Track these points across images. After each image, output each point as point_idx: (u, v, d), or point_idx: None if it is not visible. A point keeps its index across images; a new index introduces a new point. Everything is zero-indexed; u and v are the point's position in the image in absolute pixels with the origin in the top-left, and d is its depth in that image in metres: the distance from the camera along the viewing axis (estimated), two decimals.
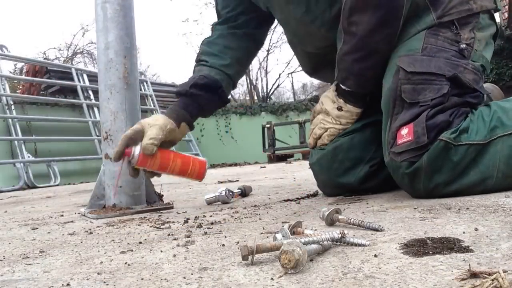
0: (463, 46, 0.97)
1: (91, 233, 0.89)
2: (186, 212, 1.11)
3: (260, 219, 0.88)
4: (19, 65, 11.71)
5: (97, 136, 5.06)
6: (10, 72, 9.13)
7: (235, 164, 6.17)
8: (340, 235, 0.56)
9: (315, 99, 9.12)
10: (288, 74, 19.67)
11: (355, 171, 1.09)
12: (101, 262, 0.60)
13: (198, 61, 1.26)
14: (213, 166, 6.00)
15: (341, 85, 1.09)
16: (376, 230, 0.64)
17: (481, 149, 0.88)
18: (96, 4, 1.20)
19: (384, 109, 1.01)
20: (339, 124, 1.10)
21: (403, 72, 0.96)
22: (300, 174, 2.39)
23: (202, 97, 1.18)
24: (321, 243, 0.54)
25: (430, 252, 0.50)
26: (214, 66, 1.23)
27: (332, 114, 1.11)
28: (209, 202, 1.24)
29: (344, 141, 1.10)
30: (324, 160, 1.13)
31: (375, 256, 0.50)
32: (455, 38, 0.98)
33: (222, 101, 1.26)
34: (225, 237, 0.71)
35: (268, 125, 6.43)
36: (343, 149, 1.10)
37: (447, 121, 0.90)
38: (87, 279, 0.52)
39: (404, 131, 0.92)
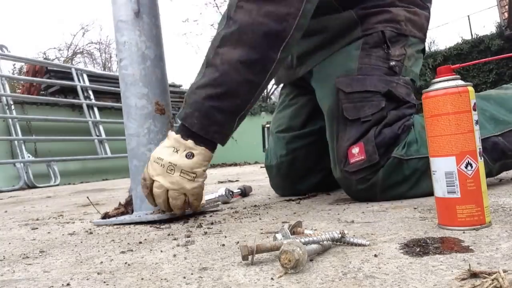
0: (392, 63, 1.02)
1: (91, 233, 0.89)
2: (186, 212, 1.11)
3: (260, 219, 0.88)
4: (18, 65, 11.72)
5: (97, 136, 5.06)
6: (9, 72, 9.12)
7: (235, 164, 6.17)
8: (340, 235, 0.56)
9: None
10: None
11: (309, 180, 1.22)
12: (101, 262, 0.60)
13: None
14: (213, 166, 6.00)
15: (183, 123, 0.89)
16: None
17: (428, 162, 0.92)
18: None
19: (327, 126, 1.06)
20: (193, 177, 0.86)
21: (342, 93, 1.01)
22: None
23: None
24: (321, 243, 0.54)
25: (430, 252, 0.50)
26: None
27: (182, 166, 0.85)
28: (209, 203, 1.24)
29: (301, 154, 1.21)
30: (282, 166, 1.23)
31: (375, 256, 0.50)
32: (386, 57, 1.03)
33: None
34: (225, 237, 0.71)
35: (268, 125, 6.43)
36: (300, 160, 1.21)
37: (395, 135, 0.96)
38: (87, 279, 0.52)
39: (355, 150, 0.96)
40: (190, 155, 0.86)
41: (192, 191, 0.87)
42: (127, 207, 1.07)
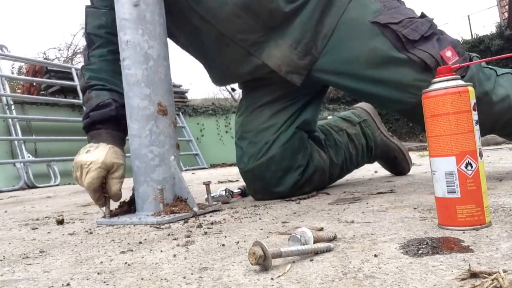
0: None
1: (91, 233, 0.89)
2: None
3: (260, 219, 0.88)
4: (17, 65, 11.72)
5: None
6: (8, 72, 9.12)
7: (235, 164, 6.17)
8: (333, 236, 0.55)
9: None
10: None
11: (286, 180, 1.22)
12: (101, 262, 0.60)
13: (90, 86, 1.12)
14: (213, 166, 6.00)
15: None
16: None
17: (496, 74, 1.12)
18: None
19: (385, 66, 1.05)
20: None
21: (393, 25, 1.04)
22: None
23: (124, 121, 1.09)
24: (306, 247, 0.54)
25: (430, 252, 0.50)
26: (114, 89, 1.12)
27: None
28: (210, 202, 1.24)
29: (277, 153, 1.22)
30: (257, 170, 1.22)
31: (375, 256, 0.50)
32: None
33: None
34: (225, 237, 0.71)
35: None
36: (275, 161, 1.22)
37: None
38: (87, 279, 0.52)
39: (448, 53, 1.02)
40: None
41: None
42: (131, 205, 1.07)
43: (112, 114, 1.08)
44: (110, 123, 1.09)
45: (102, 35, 1.16)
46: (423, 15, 1.08)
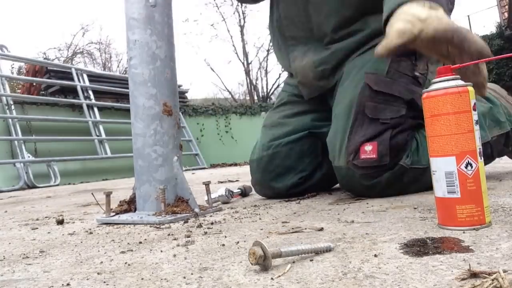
0: (417, 74, 1.10)
1: (91, 233, 0.89)
2: None
3: (260, 219, 0.88)
4: (17, 66, 11.72)
5: (97, 136, 5.06)
6: (8, 72, 9.12)
7: (235, 164, 6.17)
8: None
9: None
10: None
11: (285, 179, 1.23)
12: (101, 262, 0.60)
13: None
14: (213, 166, 6.00)
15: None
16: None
17: (423, 171, 1.03)
18: None
19: (340, 116, 1.09)
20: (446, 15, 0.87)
21: (368, 90, 1.06)
22: None
23: None
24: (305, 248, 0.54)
25: (430, 252, 0.50)
26: None
27: (439, 9, 0.85)
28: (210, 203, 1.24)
29: (283, 150, 1.23)
30: (262, 161, 1.25)
31: (375, 256, 0.50)
32: (412, 68, 1.10)
33: None
34: (225, 237, 0.71)
35: None
36: (280, 157, 1.23)
37: (405, 141, 1.03)
38: (87, 279, 0.52)
39: (368, 147, 1.02)
40: (435, 8, 0.84)
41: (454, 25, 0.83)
42: (131, 204, 1.07)
43: None
44: None
45: None
46: (412, 103, 1.05)
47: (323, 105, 1.28)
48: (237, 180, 2.33)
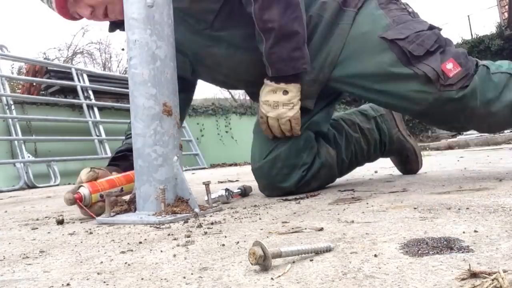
0: (410, 10, 1.20)
1: (91, 233, 0.89)
2: None
3: (260, 219, 0.88)
4: (16, 66, 11.73)
5: (97, 136, 5.06)
6: (8, 72, 9.11)
7: (235, 164, 6.17)
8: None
9: None
10: None
11: (291, 177, 1.28)
12: (101, 262, 0.60)
13: (126, 135, 1.36)
14: (213, 166, 6.00)
15: (277, 76, 1.18)
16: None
17: (509, 77, 1.12)
18: None
19: (391, 80, 1.14)
20: (292, 106, 1.18)
21: (400, 41, 1.12)
22: None
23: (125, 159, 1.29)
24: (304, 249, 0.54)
25: (430, 252, 0.50)
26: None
27: (282, 101, 1.17)
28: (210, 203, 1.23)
29: (282, 151, 1.28)
30: (265, 167, 1.30)
31: (375, 256, 0.50)
32: (401, 7, 1.20)
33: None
34: (225, 237, 0.71)
35: None
36: (281, 159, 1.28)
37: (465, 51, 1.14)
38: (87, 279, 0.52)
39: (449, 65, 1.08)
40: (285, 93, 1.18)
41: (294, 116, 1.19)
42: (130, 205, 1.07)
43: (112, 155, 1.33)
44: (114, 160, 1.32)
45: None
46: (431, 27, 1.15)
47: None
48: (237, 180, 2.33)
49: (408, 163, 1.69)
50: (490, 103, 1.10)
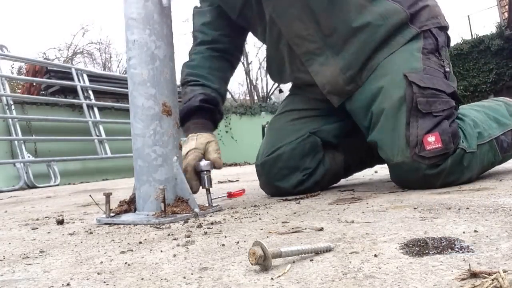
0: (447, 70, 1.19)
1: (91, 233, 0.89)
2: None
3: (260, 219, 0.88)
4: (16, 66, 11.72)
5: (97, 136, 5.06)
6: (7, 72, 9.11)
7: (235, 164, 6.17)
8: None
9: None
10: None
11: (290, 178, 1.29)
12: (101, 262, 0.60)
13: (187, 82, 1.33)
14: None
15: None
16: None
17: (472, 156, 1.11)
18: None
19: (390, 115, 1.12)
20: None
21: (416, 87, 1.10)
22: None
23: (213, 111, 1.29)
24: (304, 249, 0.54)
25: (430, 252, 0.50)
26: (206, 85, 1.32)
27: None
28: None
29: (286, 151, 1.29)
30: (266, 165, 1.31)
31: (375, 256, 0.50)
32: (440, 63, 1.19)
33: (221, 115, 1.36)
34: (225, 237, 0.71)
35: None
36: (283, 159, 1.29)
37: (457, 128, 1.10)
38: (87, 279, 0.52)
39: (431, 138, 1.07)
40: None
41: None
42: (130, 205, 1.07)
43: (195, 105, 1.25)
44: (196, 114, 1.25)
45: (205, 31, 1.39)
46: (453, 95, 1.14)
47: (325, 108, 1.34)
48: (237, 180, 2.33)
49: None
50: (449, 183, 1.10)
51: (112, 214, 1.04)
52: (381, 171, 1.86)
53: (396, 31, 1.19)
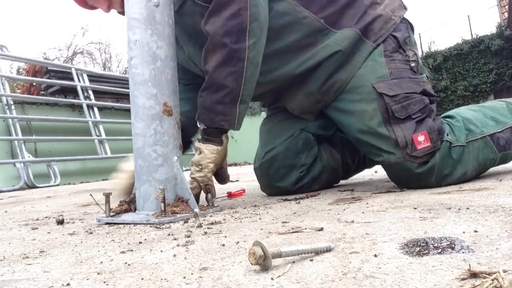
0: (412, 65, 1.20)
1: (91, 233, 0.89)
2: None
3: (260, 219, 0.88)
4: (15, 66, 11.73)
5: (97, 136, 5.06)
6: (7, 72, 9.12)
7: (235, 164, 6.16)
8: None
9: None
10: None
11: (289, 176, 1.31)
12: (101, 262, 0.60)
13: None
14: None
15: (197, 124, 1.12)
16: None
17: (462, 150, 1.14)
18: None
19: (369, 130, 1.15)
20: (200, 168, 1.09)
21: (387, 97, 1.13)
22: None
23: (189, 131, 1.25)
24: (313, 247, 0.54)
25: (430, 252, 0.50)
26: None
27: (193, 160, 1.10)
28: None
29: (280, 151, 1.31)
30: (264, 166, 1.34)
31: (375, 256, 0.50)
32: (405, 59, 1.20)
33: (189, 141, 1.36)
34: (225, 237, 0.71)
35: None
36: (279, 159, 1.31)
37: (441, 123, 1.14)
38: (87, 279, 0.52)
39: (421, 138, 1.10)
40: (199, 153, 1.10)
41: (200, 179, 1.09)
42: (131, 204, 1.07)
43: None
44: None
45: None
46: (424, 92, 1.16)
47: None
48: (237, 180, 2.33)
49: None
50: (443, 178, 1.13)
51: (112, 214, 1.04)
52: (381, 171, 1.86)
53: (353, 50, 1.19)
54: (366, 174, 1.85)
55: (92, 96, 5.31)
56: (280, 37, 1.17)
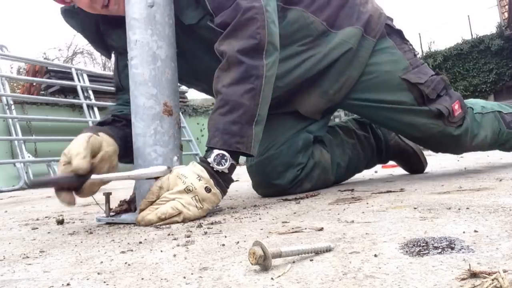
0: (415, 53, 1.37)
1: (91, 233, 0.89)
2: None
3: (260, 219, 0.88)
4: (16, 66, 11.72)
5: None
6: (7, 72, 9.11)
7: None
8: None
9: None
10: None
11: (286, 175, 1.31)
12: (101, 262, 0.60)
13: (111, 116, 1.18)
14: None
15: (210, 148, 0.99)
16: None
17: (482, 116, 1.41)
18: None
19: (401, 114, 1.32)
20: (200, 208, 0.93)
21: (420, 85, 1.29)
22: None
23: (124, 128, 1.13)
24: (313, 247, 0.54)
25: (430, 252, 0.50)
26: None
27: (198, 193, 0.92)
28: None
29: (281, 150, 1.32)
30: (261, 164, 1.33)
31: (375, 256, 0.50)
32: (409, 49, 1.36)
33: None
34: (225, 237, 0.71)
35: None
36: (277, 157, 1.31)
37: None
38: (87, 279, 0.52)
39: (456, 106, 1.32)
40: (208, 190, 0.94)
41: (192, 217, 0.92)
42: (130, 204, 1.07)
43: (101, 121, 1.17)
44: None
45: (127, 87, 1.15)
46: (437, 73, 1.35)
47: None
48: (237, 180, 2.33)
49: (412, 164, 1.74)
50: (474, 138, 1.37)
51: (112, 214, 1.04)
52: (381, 171, 1.86)
53: (358, 47, 1.29)
54: (366, 174, 1.85)
55: (92, 96, 5.31)
56: (291, 43, 1.23)
